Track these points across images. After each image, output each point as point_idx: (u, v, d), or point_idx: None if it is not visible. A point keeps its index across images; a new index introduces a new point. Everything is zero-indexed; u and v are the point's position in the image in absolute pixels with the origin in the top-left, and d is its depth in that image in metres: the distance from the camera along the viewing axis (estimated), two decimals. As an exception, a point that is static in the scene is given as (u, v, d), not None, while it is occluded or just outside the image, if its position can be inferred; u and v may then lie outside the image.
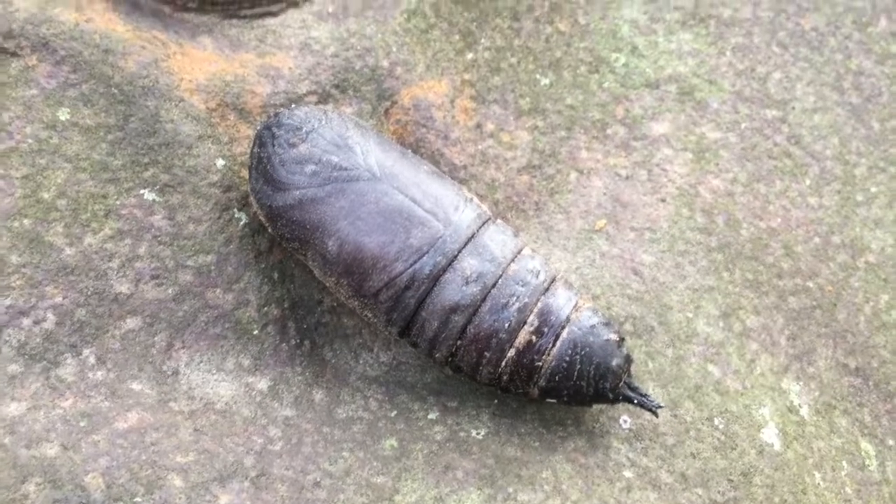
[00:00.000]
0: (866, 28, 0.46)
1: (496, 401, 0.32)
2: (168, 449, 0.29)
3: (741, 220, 0.40)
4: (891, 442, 0.38)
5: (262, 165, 0.31)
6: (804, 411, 0.36)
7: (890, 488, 0.37)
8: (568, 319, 0.30)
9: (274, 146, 0.31)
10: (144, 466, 0.28)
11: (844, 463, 0.36)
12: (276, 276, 0.33)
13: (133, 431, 0.29)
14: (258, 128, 0.31)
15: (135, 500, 0.27)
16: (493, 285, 0.30)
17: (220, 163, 0.33)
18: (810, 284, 0.39)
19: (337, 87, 0.36)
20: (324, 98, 0.36)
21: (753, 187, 0.41)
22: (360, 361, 0.33)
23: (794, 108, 0.43)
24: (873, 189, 0.42)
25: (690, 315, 0.36)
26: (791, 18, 0.44)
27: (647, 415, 0.32)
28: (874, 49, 0.46)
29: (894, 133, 0.44)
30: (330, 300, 0.33)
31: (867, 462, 0.37)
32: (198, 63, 0.34)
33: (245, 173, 0.33)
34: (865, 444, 0.37)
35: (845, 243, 0.41)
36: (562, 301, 0.30)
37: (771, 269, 0.39)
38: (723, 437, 0.32)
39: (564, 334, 0.30)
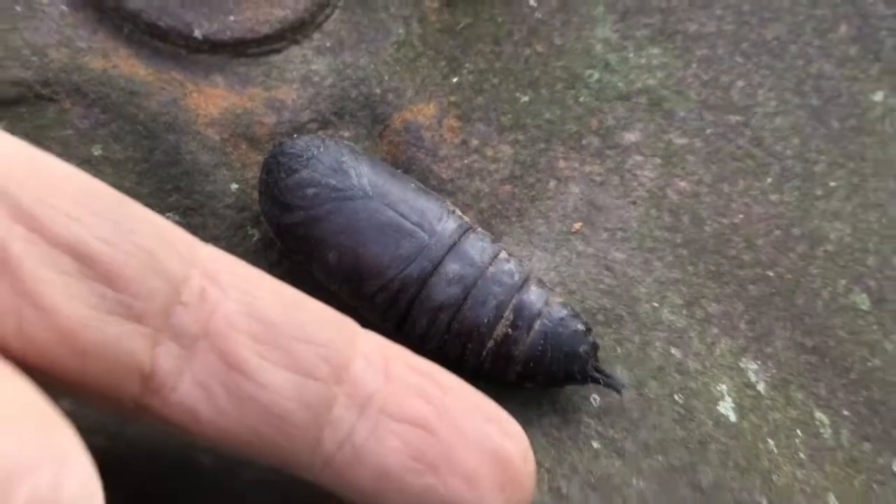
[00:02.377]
0: (826, 34, 0.48)
1: (480, 384, 0.36)
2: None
3: (705, 217, 0.43)
4: (846, 412, 0.41)
5: (270, 189, 0.35)
6: (761, 387, 0.39)
7: (843, 453, 0.40)
8: (540, 313, 0.34)
9: (279, 172, 0.35)
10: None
11: (799, 431, 0.39)
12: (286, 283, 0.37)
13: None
14: (265, 157, 0.36)
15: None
16: (473, 286, 0.34)
17: (234, 187, 0.38)
18: (770, 273, 0.43)
19: (335, 114, 0.40)
20: (324, 124, 0.40)
21: (717, 187, 0.44)
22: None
23: (756, 112, 0.46)
24: (832, 184, 0.45)
25: (656, 305, 0.40)
26: (754, 29, 0.48)
27: (615, 393, 0.36)
28: (834, 53, 0.48)
29: (853, 131, 0.47)
30: (335, 303, 0.37)
31: (821, 430, 0.40)
32: (211, 99, 0.39)
33: (256, 195, 0.38)
34: (820, 415, 0.40)
35: (805, 234, 0.44)
36: (534, 297, 0.35)
37: (732, 261, 0.42)
38: (682, 411, 0.36)
39: (537, 326, 0.34)
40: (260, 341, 0.28)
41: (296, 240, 0.35)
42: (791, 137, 0.46)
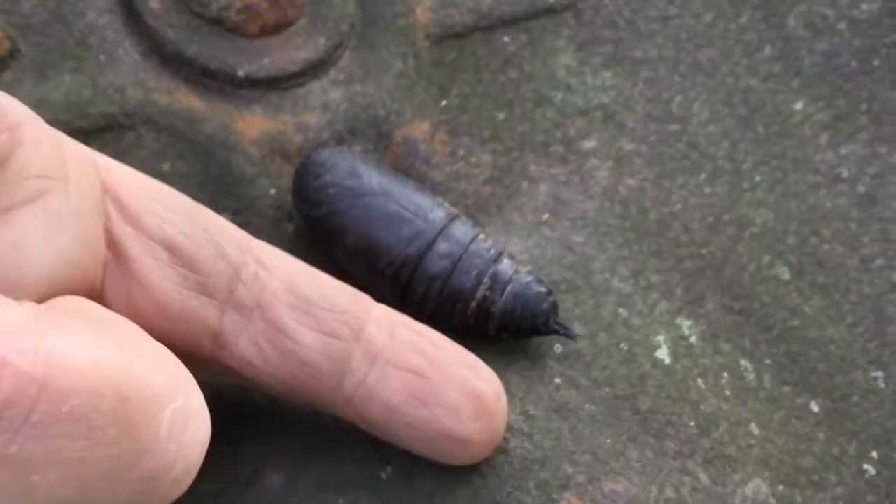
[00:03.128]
0: (753, 55, 0.55)
1: (467, 338, 0.45)
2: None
3: (649, 207, 0.51)
4: (768, 361, 0.48)
5: (301, 191, 0.45)
6: (693, 339, 0.48)
7: (765, 393, 0.47)
8: (511, 279, 0.44)
9: (307, 177, 0.45)
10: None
11: (725, 374, 0.47)
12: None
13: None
14: (297, 166, 0.46)
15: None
16: (459, 259, 0.43)
17: (273, 191, 0.47)
18: (704, 251, 0.50)
19: (349, 132, 0.49)
20: (340, 140, 0.49)
21: (660, 183, 0.52)
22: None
23: (692, 121, 0.53)
24: (758, 178, 0.52)
25: (608, 276, 0.48)
26: (690, 54, 0.55)
27: (573, 343, 0.45)
28: (760, 71, 0.55)
29: (776, 135, 0.54)
30: (352, 283, 0.46)
31: (746, 374, 0.47)
32: (252, 124, 0.48)
33: (290, 197, 0.47)
34: (745, 362, 0.48)
35: (734, 220, 0.51)
36: (506, 267, 0.44)
37: (672, 241, 0.50)
38: (626, 356, 0.45)
39: (509, 289, 0.43)
40: (297, 310, 0.37)
41: (322, 229, 0.45)
42: (722, 141, 0.53)
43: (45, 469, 0.25)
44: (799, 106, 0.55)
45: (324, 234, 0.45)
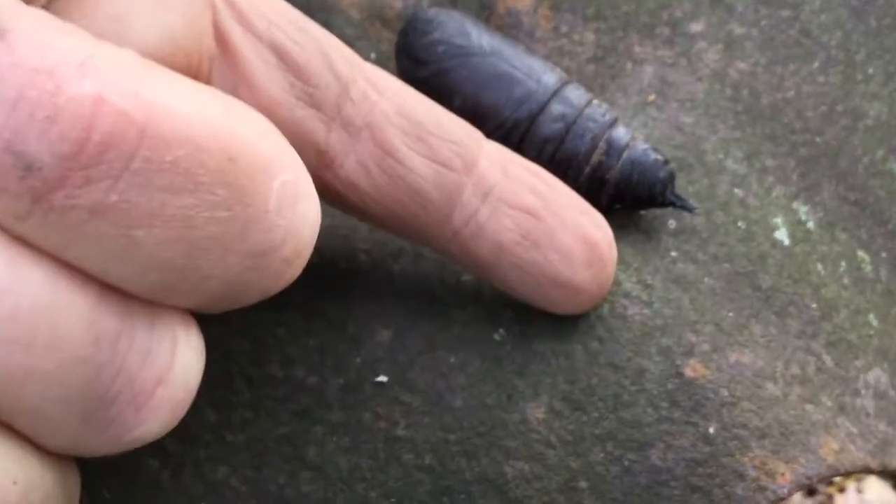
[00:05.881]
0: None
1: None
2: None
3: (762, 91, 0.50)
4: (884, 255, 0.47)
5: (407, 49, 0.43)
6: (810, 225, 0.47)
7: (882, 286, 0.47)
8: (627, 145, 0.42)
9: (414, 34, 0.43)
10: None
11: (843, 262, 0.47)
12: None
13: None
14: (403, 24, 0.44)
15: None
16: (573, 123, 0.42)
17: (373, 55, 0.46)
18: (818, 139, 0.49)
19: (450, 1, 0.49)
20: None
21: (771, 68, 0.51)
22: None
23: (804, 9, 0.52)
24: (871, 70, 0.51)
25: (721, 157, 0.47)
26: None
27: (688, 217, 0.44)
28: None
29: (889, 28, 0.52)
30: None
31: (863, 265, 0.47)
32: None
33: (389, 64, 0.46)
34: (862, 253, 0.47)
35: (847, 111, 0.50)
36: (622, 133, 0.43)
37: (786, 127, 0.49)
38: (744, 234, 0.44)
39: (625, 155, 0.42)
40: (409, 135, 0.36)
41: (428, 89, 0.42)
42: (834, 31, 0.52)
43: (148, 224, 0.24)
44: (914, 0, 0.53)
45: (429, 95, 0.43)
